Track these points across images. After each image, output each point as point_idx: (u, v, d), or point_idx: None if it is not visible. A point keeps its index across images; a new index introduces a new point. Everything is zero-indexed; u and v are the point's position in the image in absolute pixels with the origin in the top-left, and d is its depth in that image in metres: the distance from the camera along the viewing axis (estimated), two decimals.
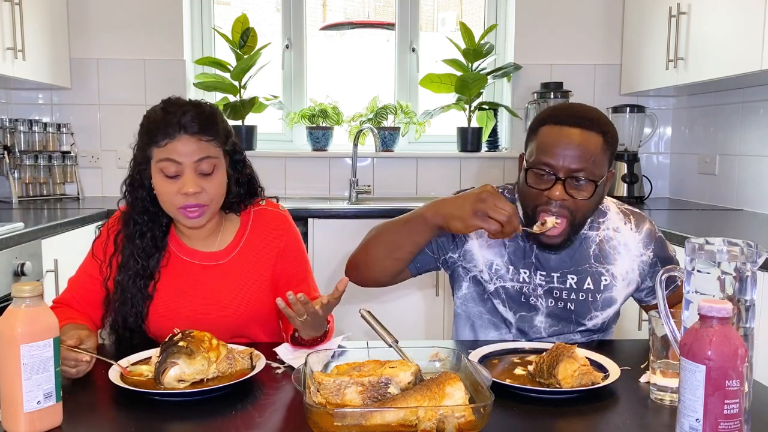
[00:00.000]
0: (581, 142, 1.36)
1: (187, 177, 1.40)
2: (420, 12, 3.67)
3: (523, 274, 1.49)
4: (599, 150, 1.38)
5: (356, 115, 3.60)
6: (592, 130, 1.38)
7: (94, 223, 2.75)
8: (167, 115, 1.42)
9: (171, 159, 1.40)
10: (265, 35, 3.50)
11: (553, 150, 1.36)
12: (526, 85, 3.50)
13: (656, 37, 3.06)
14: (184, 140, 1.40)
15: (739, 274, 0.92)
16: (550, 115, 1.42)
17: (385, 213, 2.96)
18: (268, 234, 1.55)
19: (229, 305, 1.49)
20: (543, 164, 1.38)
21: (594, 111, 1.43)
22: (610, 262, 1.50)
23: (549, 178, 1.38)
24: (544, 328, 1.51)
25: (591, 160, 1.36)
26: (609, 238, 1.51)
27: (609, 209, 1.54)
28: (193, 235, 1.53)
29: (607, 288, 1.49)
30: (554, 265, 1.48)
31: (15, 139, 3.17)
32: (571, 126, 1.37)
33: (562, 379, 1.13)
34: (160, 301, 1.48)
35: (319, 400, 1.01)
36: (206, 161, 1.42)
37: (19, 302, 0.98)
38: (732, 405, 0.85)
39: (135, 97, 3.43)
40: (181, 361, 1.14)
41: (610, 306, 1.50)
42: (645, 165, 3.51)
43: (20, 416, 0.97)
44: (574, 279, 1.48)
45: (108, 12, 3.39)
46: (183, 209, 1.42)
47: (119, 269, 1.49)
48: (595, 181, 1.38)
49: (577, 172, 1.36)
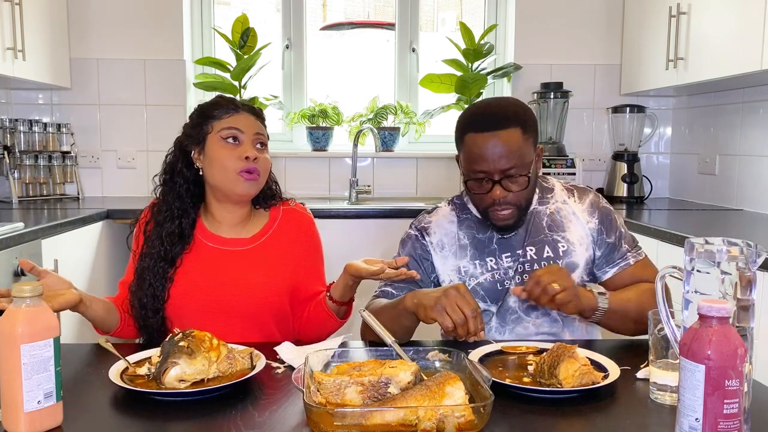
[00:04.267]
0: (504, 143, 1.45)
1: (248, 144, 1.56)
2: (420, 12, 3.67)
3: (490, 263, 1.57)
4: (521, 142, 1.46)
5: (356, 115, 3.60)
6: (510, 127, 1.46)
7: (95, 223, 2.76)
8: (226, 99, 1.63)
9: (234, 127, 1.56)
10: (265, 35, 3.50)
11: (481, 158, 1.46)
12: (526, 85, 3.50)
13: (656, 37, 3.06)
14: (245, 115, 1.59)
15: (739, 275, 0.92)
16: (469, 123, 1.50)
17: (385, 213, 2.97)
18: (296, 231, 1.65)
19: (247, 291, 1.55)
20: (477, 172, 1.48)
21: (507, 105, 1.52)
22: (563, 229, 1.59)
23: (486, 182, 1.48)
24: (518, 307, 1.55)
25: (517, 154, 1.46)
26: (558, 209, 1.62)
27: (555, 186, 1.65)
28: (225, 220, 1.61)
29: (566, 253, 1.57)
30: (515, 243, 1.57)
31: (15, 139, 3.17)
32: (490, 131, 1.45)
33: (564, 379, 1.13)
34: (181, 284, 1.55)
35: (319, 400, 1.01)
36: (261, 137, 1.59)
37: (19, 302, 0.98)
38: (731, 405, 0.85)
39: (135, 97, 3.43)
40: (182, 361, 1.14)
41: (573, 271, 1.56)
42: (645, 165, 3.51)
43: (20, 416, 0.97)
44: (533, 250, 1.57)
45: (108, 12, 3.39)
46: (243, 172, 1.53)
47: (145, 253, 1.57)
48: (527, 173, 1.48)
49: (508, 170, 1.46)
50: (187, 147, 1.59)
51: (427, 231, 1.62)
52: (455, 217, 1.63)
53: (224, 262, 1.58)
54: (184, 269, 1.56)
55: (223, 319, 1.53)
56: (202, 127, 1.58)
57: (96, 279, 2.78)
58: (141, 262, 1.57)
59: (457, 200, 1.67)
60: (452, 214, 1.63)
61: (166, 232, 1.57)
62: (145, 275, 1.54)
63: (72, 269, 2.53)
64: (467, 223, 1.61)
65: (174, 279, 1.55)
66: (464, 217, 1.62)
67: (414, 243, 1.62)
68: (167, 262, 1.55)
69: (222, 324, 1.49)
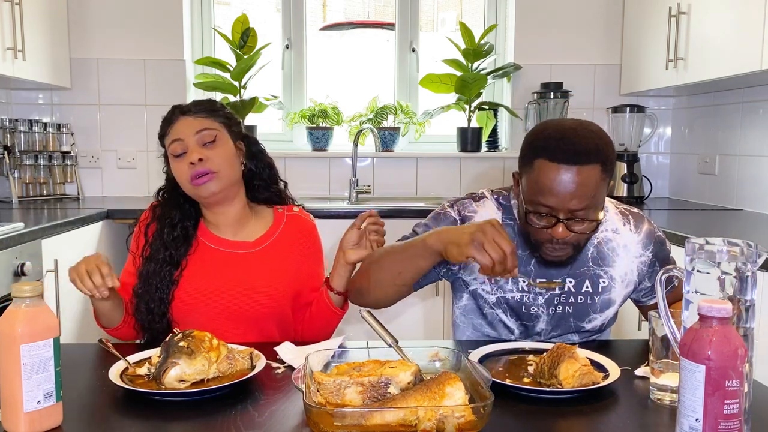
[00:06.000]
0: (580, 182, 1.28)
1: (191, 149, 1.53)
2: (420, 12, 3.67)
3: (522, 283, 1.46)
4: (599, 182, 1.31)
5: (356, 115, 3.60)
6: (590, 163, 1.28)
7: (95, 223, 2.76)
8: (170, 110, 1.61)
9: (176, 139, 1.54)
10: (265, 35, 3.50)
11: (550, 192, 1.30)
12: (526, 85, 3.50)
13: (656, 37, 3.06)
14: (182, 120, 1.56)
15: (739, 274, 0.92)
16: (544, 146, 1.32)
17: (385, 213, 2.95)
18: (299, 237, 1.66)
19: (250, 295, 1.55)
20: (541, 205, 1.32)
21: (590, 136, 1.31)
22: (608, 264, 1.48)
23: (549, 218, 1.33)
24: (544, 333, 1.50)
25: (591, 196, 1.30)
26: (608, 239, 1.49)
27: (608, 210, 1.51)
28: (221, 223, 1.61)
29: (605, 290, 1.48)
30: (554, 272, 1.46)
31: (15, 139, 3.17)
32: (568, 164, 1.28)
33: (564, 380, 1.13)
34: (185, 286, 1.55)
35: (319, 400, 1.01)
36: (206, 132, 1.54)
37: (19, 302, 0.98)
38: (732, 405, 0.85)
39: (135, 97, 3.43)
40: (182, 361, 1.14)
41: (609, 308, 1.50)
42: (645, 165, 3.51)
43: (20, 416, 0.97)
44: (572, 282, 1.46)
45: (108, 12, 3.39)
46: (193, 179, 1.52)
47: (149, 257, 1.57)
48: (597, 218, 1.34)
49: (578, 211, 1.31)
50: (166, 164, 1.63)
51: (470, 222, 1.46)
52: (499, 218, 1.48)
53: (227, 265, 1.58)
54: (189, 271, 1.57)
55: (225, 322, 1.53)
56: (163, 146, 1.60)
57: None
58: (145, 266, 1.56)
59: (503, 200, 1.51)
60: (497, 214, 1.49)
61: (168, 238, 1.57)
62: (151, 279, 1.54)
63: None
64: (508, 231, 1.44)
65: (179, 282, 1.55)
66: (507, 222, 1.48)
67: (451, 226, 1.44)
68: (172, 265, 1.55)
69: (224, 326, 1.50)
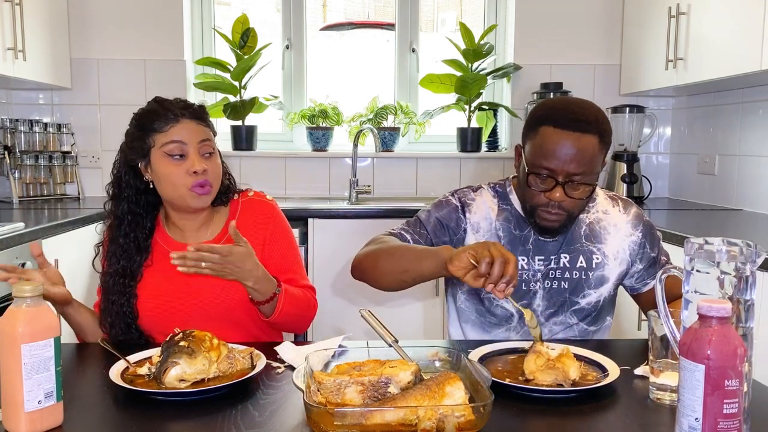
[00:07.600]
0: (580, 147, 1.40)
1: (194, 157, 1.48)
2: (420, 12, 3.67)
3: (522, 262, 1.54)
4: (596, 151, 1.42)
5: (356, 115, 3.60)
6: (590, 133, 1.41)
7: (95, 223, 2.76)
8: (164, 106, 1.51)
9: (176, 140, 1.48)
10: (265, 35, 3.50)
11: (552, 155, 1.41)
12: (526, 85, 3.50)
13: (656, 38, 3.06)
14: (186, 123, 1.49)
15: (738, 274, 0.92)
16: (548, 115, 1.44)
17: (385, 213, 2.97)
18: (256, 222, 1.60)
19: (216, 292, 1.51)
20: (543, 168, 1.42)
21: (591, 110, 1.45)
22: (600, 241, 1.57)
23: (549, 180, 1.43)
24: (540, 311, 1.55)
25: (589, 162, 1.41)
26: (599, 219, 1.59)
27: (597, 194, 1.62)
28: (186, 227, 1.57)
29: (599, 266, 1.56)
30: (550, 248, 1.55)
31: (15, 139, 3.17)
32: (570, 130, 1.40)
33: (530, 373, 1.16)
34: (150, 298, 1.52)
35: (319, 400, 1.01)
36: (207, 143, 1.51)
37: (19, 302, 0.98)
38: (731, 404, 0.85)
39: (135, 97, 3.42)
40: (183, 361, 1.14)
41: (603, 285, 1.56)
42: (644, 165, 3.51)
43: (21, 416, 0.97)
44: (567, 258, 1.55)
45: (108, 12, 3.39)
46: (194, 188, 1.48)
47: (105, 272, 1.55)
48: (592, 184, 1.45)
49: (576, 175, 1.42)
50: (133, 161, 1.52)
51: (469, 208, 1.57)
52: (496, 205, 1.58)
53: None
54: (149, 282, 1.53)
55: (200, 323, 1.47)
56: (144, 140, 1.49)
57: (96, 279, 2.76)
58: (104, 281, 1.54)
59: (499, 188, 1.62)
60: (494, 201, 1.59)
61: (120, 250, 1.53)
62: (109, 295, 1.52)
63: (72, 269, 2.52)
64: (505, 215, 1.57)
65: (138, 294, 1.52)
66: (503, 208, 1.58)
67: (451, 212, 1.57)
68: (128, 277, 1.52)
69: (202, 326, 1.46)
